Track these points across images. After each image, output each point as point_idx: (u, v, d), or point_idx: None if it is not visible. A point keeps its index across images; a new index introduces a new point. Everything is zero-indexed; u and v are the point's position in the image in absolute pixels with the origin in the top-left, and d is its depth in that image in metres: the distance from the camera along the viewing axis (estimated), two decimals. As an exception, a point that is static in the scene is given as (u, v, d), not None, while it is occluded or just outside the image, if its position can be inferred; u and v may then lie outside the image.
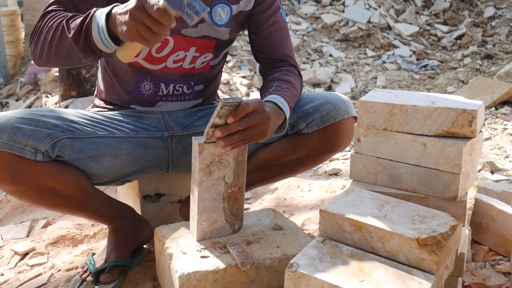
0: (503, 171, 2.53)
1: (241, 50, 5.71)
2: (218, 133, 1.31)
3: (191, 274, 1.28)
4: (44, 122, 1.44)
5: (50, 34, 1.36)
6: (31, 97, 5.29)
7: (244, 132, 1.32)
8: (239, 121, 1.31)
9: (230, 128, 1.31)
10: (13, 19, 6.41)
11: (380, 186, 1.32)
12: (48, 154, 1.44)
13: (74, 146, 1.48)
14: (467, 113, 1.20)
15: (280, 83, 1.58)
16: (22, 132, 1.39)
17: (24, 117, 1.42)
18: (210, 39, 1.64)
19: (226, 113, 1.29)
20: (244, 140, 1.34)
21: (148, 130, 1.65)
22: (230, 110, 1.30)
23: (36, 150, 1.41)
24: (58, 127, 1.46)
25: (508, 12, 6.46)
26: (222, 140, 1.32)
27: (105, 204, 1.61)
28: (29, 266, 1.83)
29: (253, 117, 1.32)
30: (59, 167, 1.47)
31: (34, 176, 1.42)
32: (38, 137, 1.41)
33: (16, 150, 1.39)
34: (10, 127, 1.38)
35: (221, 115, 1.30)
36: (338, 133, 1.63)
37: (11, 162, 1.39)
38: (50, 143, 1.43)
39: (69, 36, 1.31)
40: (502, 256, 1.61)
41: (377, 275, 1.04)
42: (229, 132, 1.31)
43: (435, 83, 5.25)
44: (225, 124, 1.31)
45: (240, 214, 1.47)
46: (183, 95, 1.71)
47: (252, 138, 1.35)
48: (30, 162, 1.41)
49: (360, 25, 6.09)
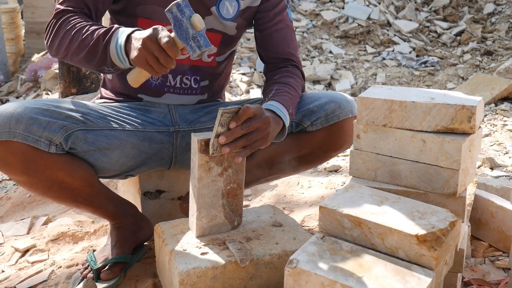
0: (503, 167, 2.53)
1: (241, 47, 5.70)
2: (223, 139, 1.31)
3: (190, 270, 1.28)
4: (59, 113, 1.45)
5: (69, 38, 1.44)
6: (31, 94, 5.30)
7: (248, 137, 1.34)
8: (242, 125, 1.32)
9: (234, 133, 1.32)
10: (13, 17, 6.41)
11: (380, 182, 1.32)
12: (61, 146, 1.45)
13: (87, 138, 1.49)
14: (466, 109, 1.20)
15: (280, 86, 1.59)
16: (38, 123, 1.40)
17: (39, 107, 1.43)
18: (216, 33, 1.66)
19: (227, 120, 1.31)
20: (249, 146, 1.35)
21: (155, 124, 1.66)
22: (230, 117, 1.31)
23: (51, 141, 1.42)
24: (72, 118, 1.47)
25: (507, 9, 6.45)
26: (228, 147, 1.32)
27: (110, 200, 1.62)
28: (30, 263, 1.83)
29: (254, 121, 1.34)
30: (70, 160, 1.48)
31: (46, 168, 1.43)
32: (53, 128, 1.42)
33: (31, 141, 1.40)
34: (27, 118, 1.39)
35: (223, 123, 1.31)
36: (342, 132, 1.64)
37: (25, 153, 1.40)
38: (64, 134, 1.44)
39: (88, 45, 1.40)
40: (501, 252, 1.62)
41: (377, 271, 1.05)
42: (233, 137, 1.32)
43: (435, 80, 5.25)
44: (228, 130, 1.32)
45: (239, 210, 1.47)
46: (190, 88, 1.71)
47: (256, 143, 1.36)
48: (43, 154, 1.42)
49: (360, 22, 6.09)
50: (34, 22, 6.38)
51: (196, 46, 1.25)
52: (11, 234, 2.14)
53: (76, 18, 1.46)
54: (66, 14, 1.47)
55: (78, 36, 1.41)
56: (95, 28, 1.41)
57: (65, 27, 1.44)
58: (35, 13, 6.35)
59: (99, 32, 1.39)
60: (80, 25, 1.43)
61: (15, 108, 1.41)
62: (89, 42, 1.39)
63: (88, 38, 1.40)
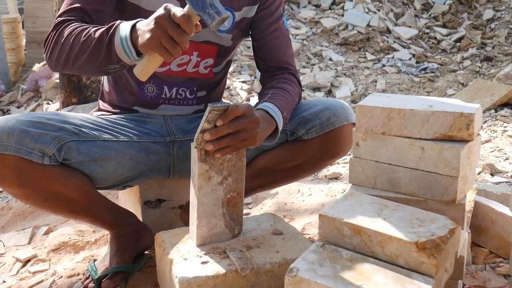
0: (503, 173, 2.53)
1: (241, 55, 5.72)
2: (207, 136, 1.31)
3: (191, 279, 1.28)
4: (51, 125, 1.45)
5: (70, 42, 1.39)
6: (32, 104, 5.31)
7: (234, 136, 1.33)
8: (228, 123, 1.31)
9: (219, 131, 1.31)
10: (14, 27, 6.44)
11: (379, 190, 1.32)
12: (55, 158, 1.45)
13: (80, 149, 1.49)
14: (465, 116, 1.20)
15: (276, 91, 1.59)
16: (29, 135, 1.40)
17: (31, 120, 1.43)
18: (212, 45, 1.66)
19: (214, 117, 1.30)
20: (233, 146, 1.34)
21: (151, 135, 1.66)
22: (218, 114, 1.30)
23: (44, 153, 1.42)
24: (64, 130, 1.47)
25: (507, 14, 6.47)
26: (211, 144, 1.32)
27: (108, 210, 1.62)
28: (31, 273, 1.84)
29: (242, 121, 1.33)
30: (65, 172, 1.48)
31: (40, 180, 1.43)
32: (45, 140, 1.42)
33: (24, 154, 1.40)
34: (18, 131, 1.39)
35: (210, 120, 1.30)
36: (338, 140, 1.63)
37: (18, 166, 1.40)
38: (57, 146, 1.44)
39: (91, 45, 1.34)
40: (502, 258, 1.61)
41: (377, 279, 1.05)
42: (218, 135, 1.31)
43: (435, 86, 5.26)
44: (214, 127, 1.32)
45: (239, 219, 1.47)
46: (186, 99, 1.72)
47: (242, 143, 1.35)
48: (37, 166, 1.42)
49: (360, 29, 6.10)
50: (35, 32, 6.42)
51: (214, 13, 1.19)
52: (12, 244, 2.14)
53: (76, 23, 1.43)
54: (65, 23, 1.45)
55: (80, 38, 1.37)
56: (96, 28, 1.37)
57: (65, 33, 1.41)
58: (36, 23, 6.38)
59: (101, 30, 1.35)
60: (80, 28, 1.39)
61: (7, 122, 1.41)
62: (91, 41, 1.34)
63: (90, 38, 1.35)
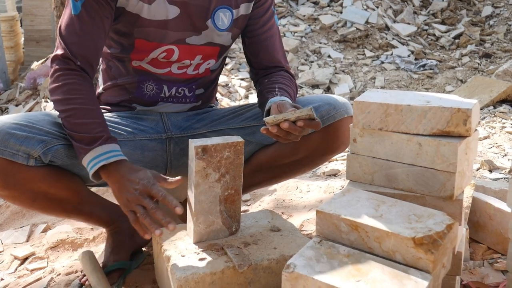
0: (501, 170, 2.53)
1: (239, 52, 5.71)
2: (285, 125, 1.34)
3: (189, 276, 1.28)
4: (38, 129, 1.43)
5: (65, 110, 1.44)
6: (30, 102, 5.30)
7: (290, 136, 1.38)
8: (301, 129, 1.35)
9: (293, 129, 1.35)
10: (13, 25, 6.42)
11: (377, 186, 1.32)
12: (40, 160, 1.43)
13: (69, 153, 1.47)
14: (462, 112, 1.20)
15: (282, 86, 1.62)
16: (14, 138, 1.39)
17: (18, 122, 1.42)
18: (214, 46, 1.66)
19: (303, 117, 1.35)
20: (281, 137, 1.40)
21: (146, 132, 1.65)
22: (306, 117, 1.35)
23: (29, 155, 1.41)
24: (52, 134, 1.45)
25: (506, 11, 6.46)
26: (278, 132, 1.36)
27: (102, 207, 1.61)
28: (29, 271, 1.83)
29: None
30: (52, 172, 1.47)
31: (26, 181, 1.42)
32: (31, 143, 1.40)
33: (7, 155, 1.38)
34: (3, 133, 1.38)
35: (299, 117, 1.35)
36: (338, 133, 1.64)
37: (3, 167, 1.39)
38: (43, 149, 1.42)
39: (75, 131, 1.42)
40: (500, 254, 1.61)
41: (374, 275, 1.05)
42: (290, 131, 1.35)
43: (434, 83, 5.26)
44: (293, 123, 1.35)
45: (237, 216, 1.47)
46: (184, 97, 1.72)
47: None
48: (22, 167, 1.41)
49: (358, 26, 6.09)
50: (33, 30, 6.39)
51: None
52: (10, 242, 2.13)
53: (74, 86, 1.45)
54: (63, 73, 1.46)
55: (72, 116, 1.42)
56: (89, 122, 1.42)
57: (63, 95, 1.44)
58: (34, 21, 6.36)
59: (88, 132, 1.41)
60: (77, 106, 1.43)
61: None
62: (77, 130, 1.41)
63: (78, 127, 1.42)
